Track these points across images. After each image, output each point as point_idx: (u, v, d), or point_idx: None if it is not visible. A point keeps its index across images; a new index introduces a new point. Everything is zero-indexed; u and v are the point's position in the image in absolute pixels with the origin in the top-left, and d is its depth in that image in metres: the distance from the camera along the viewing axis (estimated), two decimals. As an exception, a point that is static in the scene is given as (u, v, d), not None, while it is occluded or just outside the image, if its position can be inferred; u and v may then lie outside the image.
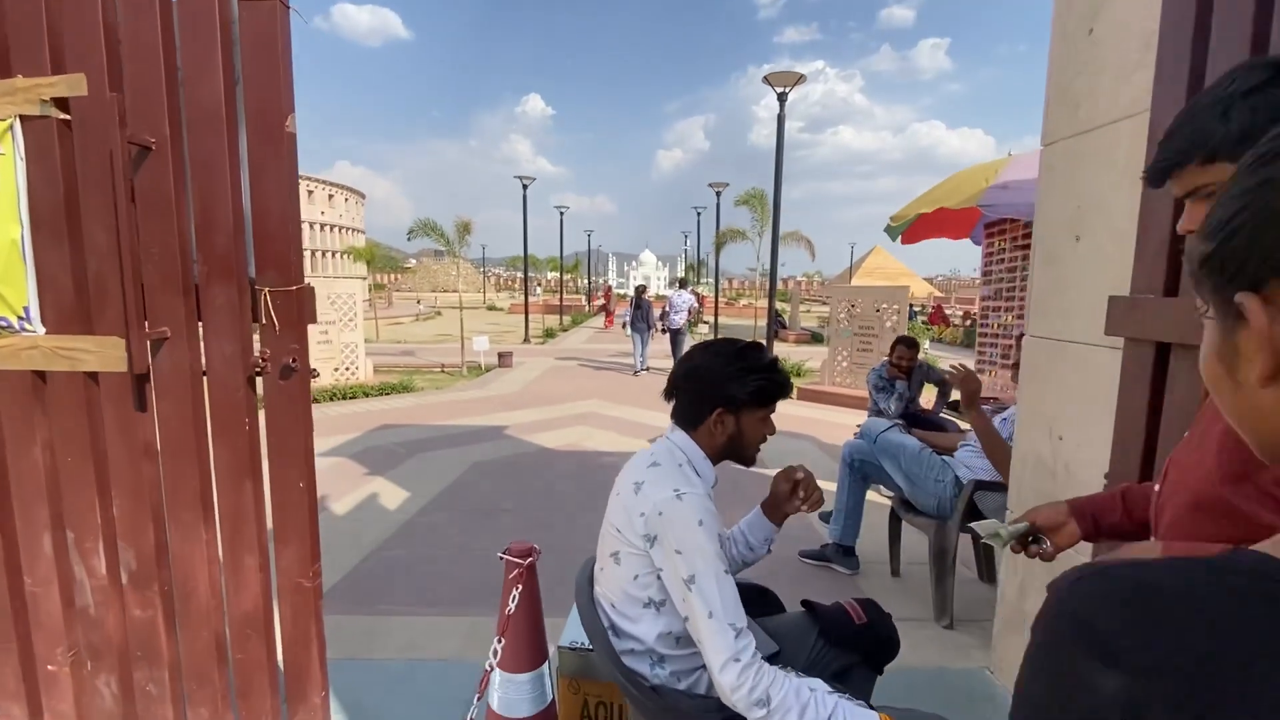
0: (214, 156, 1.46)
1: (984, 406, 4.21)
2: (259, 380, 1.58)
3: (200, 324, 1.53)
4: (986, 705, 2.10)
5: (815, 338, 19.31)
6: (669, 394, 1.37)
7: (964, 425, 4.40)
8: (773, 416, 1.36)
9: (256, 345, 1.56)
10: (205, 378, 1.56)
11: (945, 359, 4.58)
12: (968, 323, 18.37)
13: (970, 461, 2.65)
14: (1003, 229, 4.40)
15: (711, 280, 33.32)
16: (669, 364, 12.73)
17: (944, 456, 2.76)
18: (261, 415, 1.62)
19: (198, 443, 1.57)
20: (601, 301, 34.63)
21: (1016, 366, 2.68)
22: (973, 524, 1.23)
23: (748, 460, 1.38)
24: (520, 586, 1.56)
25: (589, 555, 1.58)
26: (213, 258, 1.49)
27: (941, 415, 4.53)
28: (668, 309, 12.58)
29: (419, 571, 3.11)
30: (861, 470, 2.97)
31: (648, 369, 11.51)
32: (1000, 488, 2.51)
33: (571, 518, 3.93)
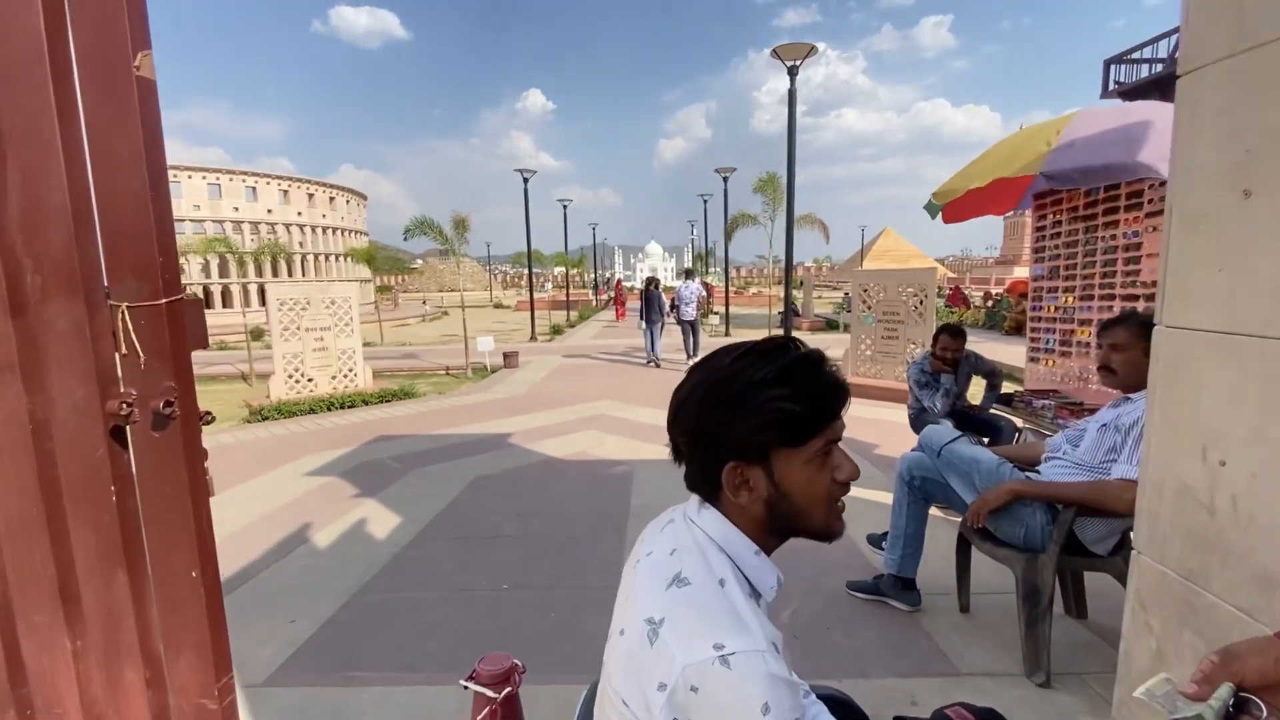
0: (37, 119, 1.01)
1: (1041, 401, 3.73)
2: (131, 430, 1.14)
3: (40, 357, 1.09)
4: (1116, 804, 1.64)
5: (830, 324, 18.76)
6: (674, 453, 0.91)
7: (1020, 422, 3.91)
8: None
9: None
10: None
11: (974, 343, 4.09)
12: (989, 303, 17.73)
13: (1061, 478, 2.17)
14: (1058, 199, 3.88)
15: (720, 269, 32.76)
16: (682, 357, 12.35)
17: (1028, 473, 2.28)
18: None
19: (49, 522, 1.13)
20: (610, 295, 34.87)
21: (1108, 369, 2.19)
22: (1138, 692, 0.74)
23: (823, 532, 0.86)
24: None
25: (596, 626, 1.10)
26: (46, 263, 1.05)
27: (992, 412, 4.04)
28: (677, 301, 12.33)
29: (404, 622, 2.68)
30: (923, 489, 2.50)
31: (660, 363, 11.48)
32: (1107, 512, 2.03)
33: (579, 544, 3.48)
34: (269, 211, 33.91)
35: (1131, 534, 2.05)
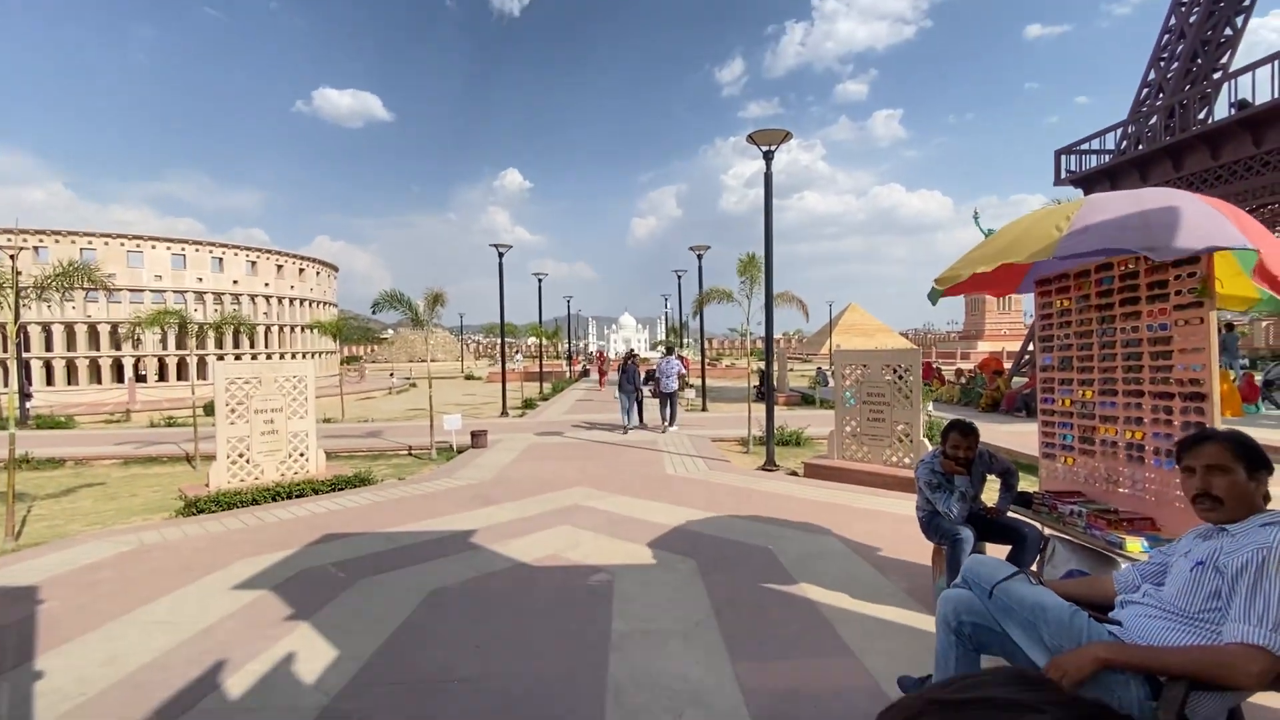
0: None
1: (1069, 506, 3.36)
2: None
3: None
4: None
5: (806, 399, 18.58)
6: None
7: (1046, 529, 3.53)
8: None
9: None
10: None
11: (947, 418, 3.76)
12: (962, 380, 17.83)
13: (1154, 634, 1.76)
14: (1064, 285, 3.68)
15: (692, 341, 32.88)
16: (659, 426, 12.26)
17: (1109, 625, 1.86)
18: None
19: None
20: (582, 367, 35.90)
21: (1209, 496, 1.81)
22: None
23: None
24: None
25: None
26: None
27: (1012, 515, 3.66)
28: (657, 374, 13.33)
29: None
30: (975, 639, 2.05)
31: (634, 428, 12.58)
32: (1225, 687, 1.61)
33: (553, 692, 2.90)
34: (234, 283, 33.20)
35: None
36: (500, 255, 16.30)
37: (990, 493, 3.95)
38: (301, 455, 7.76)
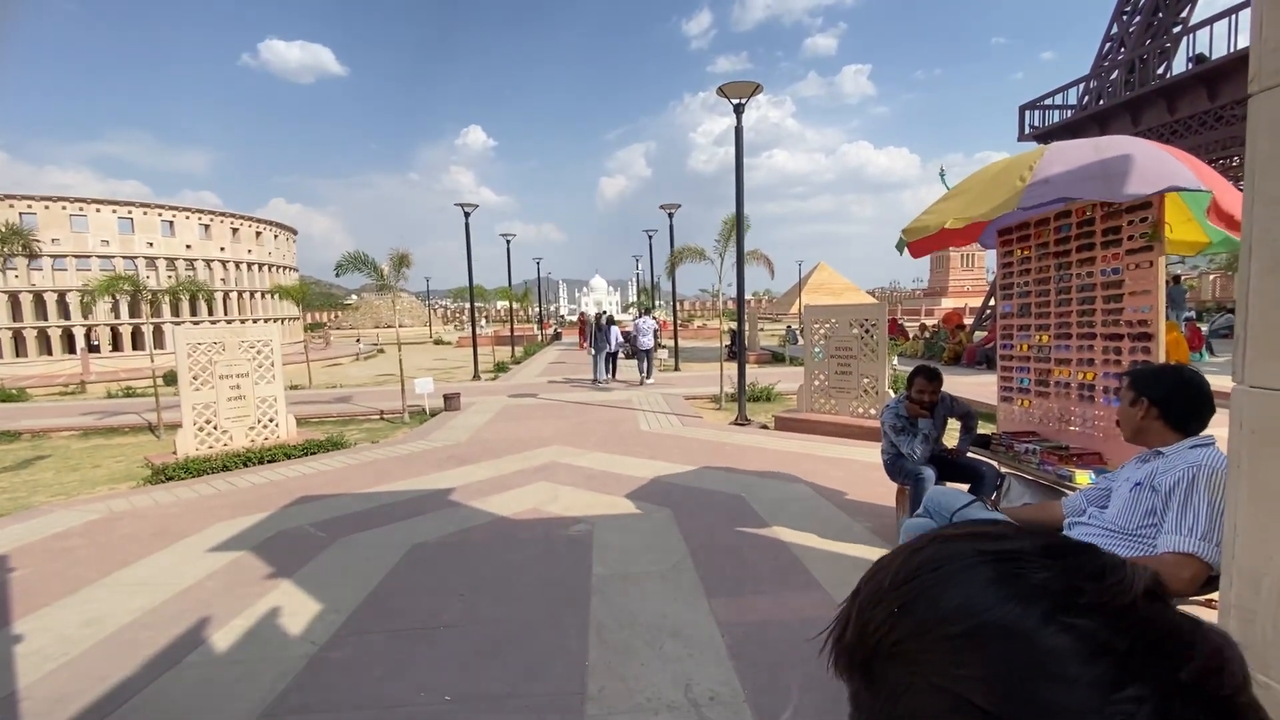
0: None
1: (1024, 445, 3.55)
2: None
3: None
4: None
5: (776, 357, 18.88)
6: (850, 661, 0.49)
7: (1003, 468, 3.72)
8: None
9: None
10: None
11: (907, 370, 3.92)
12: (925, 334, 18.29)
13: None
14: (1025, 234, 3.79)
15: (664, 303, 32.88)
16: (636, 379, 12.70)
17: (1056, 544, 2.01)
18: None
19: None
20: (554, 330, 35.80)
21: (1138, 427, 1.98)
22: None
23: None
24: None
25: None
26: None
27: (970, 455, 3.85)
28: (634, 332, 14.23)
29: (319, 758, 2.14)
30: (934, 563, 2.19)
31: (604, 381, 13.51)
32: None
33: (537, 631, 3.01)
34: (188, 247, 31.82)
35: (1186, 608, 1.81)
36: (466, 215, 15.93)
37: (951, 436, 4.14)
38: (271, 421, 7.64)
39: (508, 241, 23.42)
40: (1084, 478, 2.95)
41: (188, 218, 32.15)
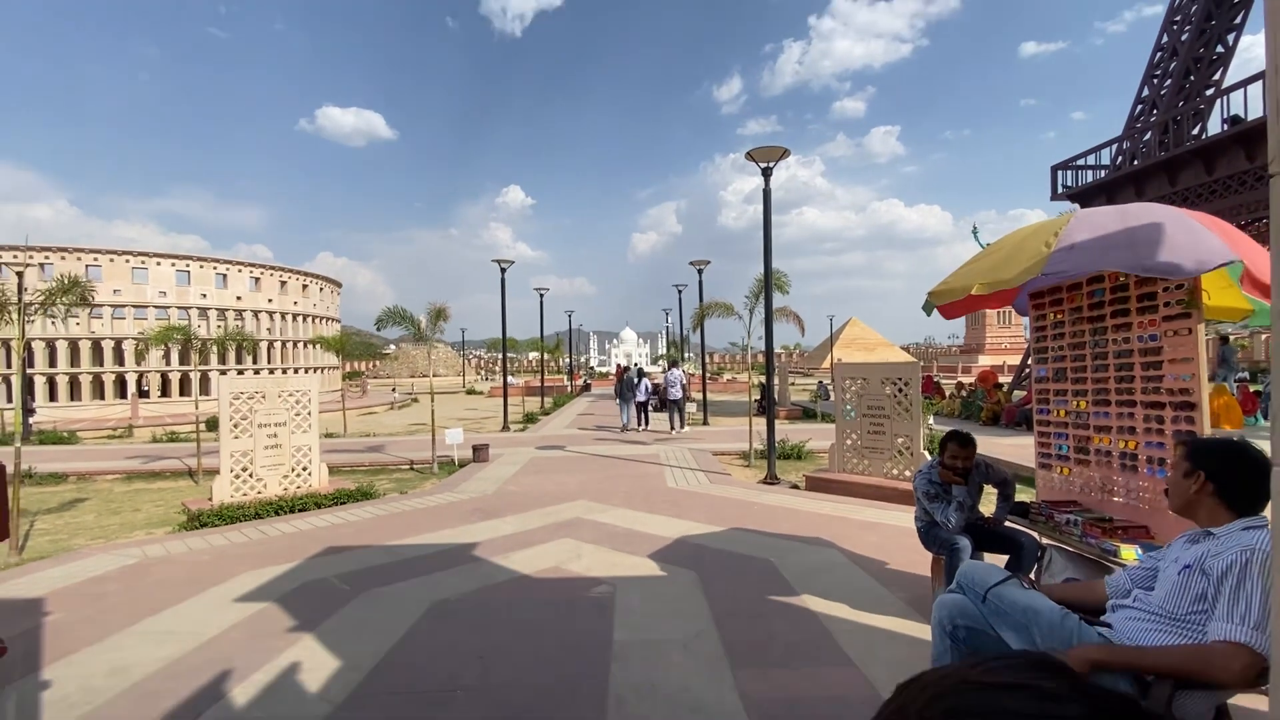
0: None
1: (1065, 515, 3.40)
2: None
3: None
4: None
5: (807, 413, 18.60)
6: None
7: (1043, 539, 3.56)
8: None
9: None
10: None
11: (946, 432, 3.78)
12: (962, 394, 17.85)
13: (1143, 636, 1.80)
14: (1057, 298, 3.75)
15: (692, 356, 32.96)
16: (665, 430, 12.98)
17: (1099, 628, 1.90)
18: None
19: None
20: (584, 381, 36.04)
21: (1190, 501, 1.90)
22: None
23: None
24: None
25: None
26: None
27: (1008, 525, 3.70)
28: (665, 384, 15.39)
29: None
30: (969, 642, 2.09)
31: (631, 429, 14.80)
32: (1209, 685, 1.65)
33: (555, 701, 2.92)
34: (238, 299, 33.41)
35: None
36: (503, 270, 16.44)
37: (988, 504, 3.99)
38: (305, 469, 7.80)
39: (540, 295, 24.00)
40: (1130, 553, 2.81)
41: (240, 270, 33.87)
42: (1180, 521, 3.06)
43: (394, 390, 37.45)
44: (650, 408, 16.43)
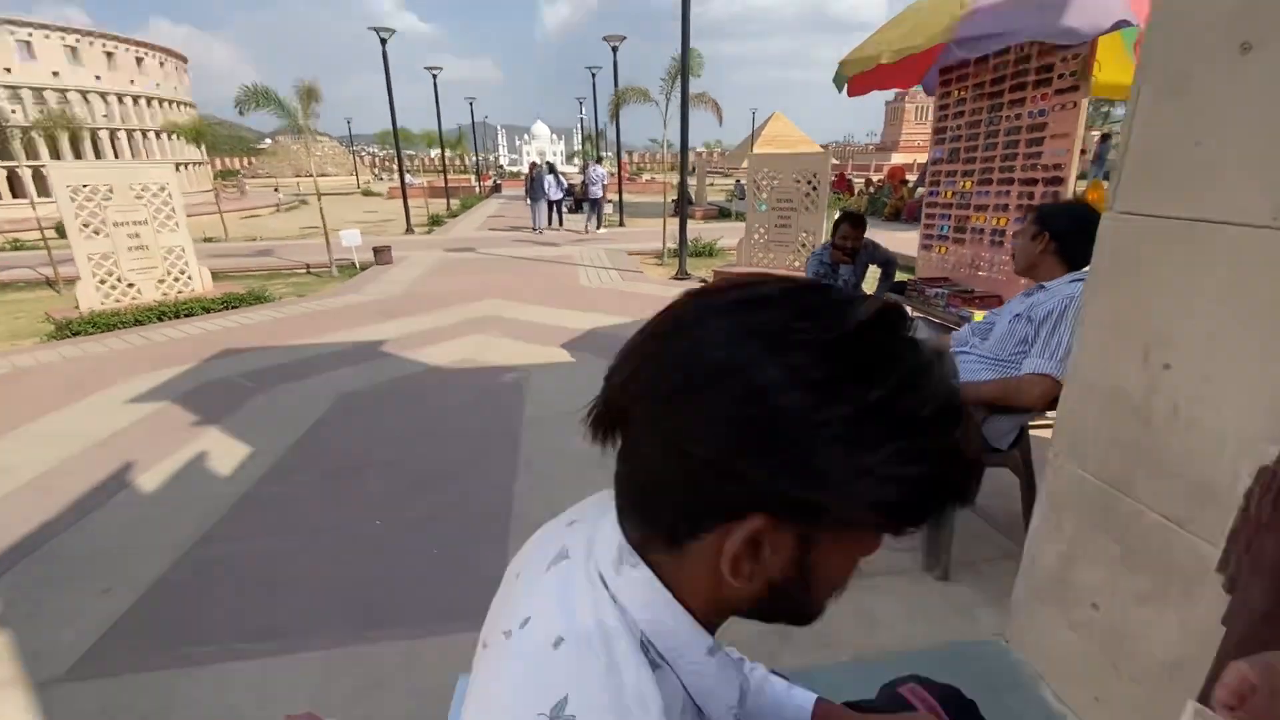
0: None
1: (934, 289, 3.73)
2: None
3: None
4: (1014, 694, 1.67)
5: (723, 212, 18.62)
6: (599, 425, 0.49)
7: (913, 312, 3.92)
8: None
9: None
10: None
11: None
12: (870, 190, 18.26)
13: (970, 375, 2.09)
14: (964, 73, 3.67)
15: (609, 154, 31.29)
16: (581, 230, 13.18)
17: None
18: None
19: None
20: (494, 182, 33.72)
21: (1034, 262, 2.08)
22: None
23: (807, 618, 0.52)
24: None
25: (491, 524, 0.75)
26: None
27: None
28: (586, 181, 14.75)
29: (254, 578, 2.28)
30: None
31: (542, 230, 14.49)
32: (1015, 409, 1.97)
33: (466, 465, 3.15)
34: (55, 74, 27.36)
35: (1038, 432, 2.04)
36: (383, 41, 14.11)
37: (872, 285, 4.29)
38: (183, 274, 7.15)
39: (434, 76, 21.15)
40: (979, 317, 3.15)
41: (48, 37, 27.31)
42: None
43: (277, 190, 33.71)
44: (565, 208, 16.36)
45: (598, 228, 14.44)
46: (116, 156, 29.27)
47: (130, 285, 6.79)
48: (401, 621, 2.02)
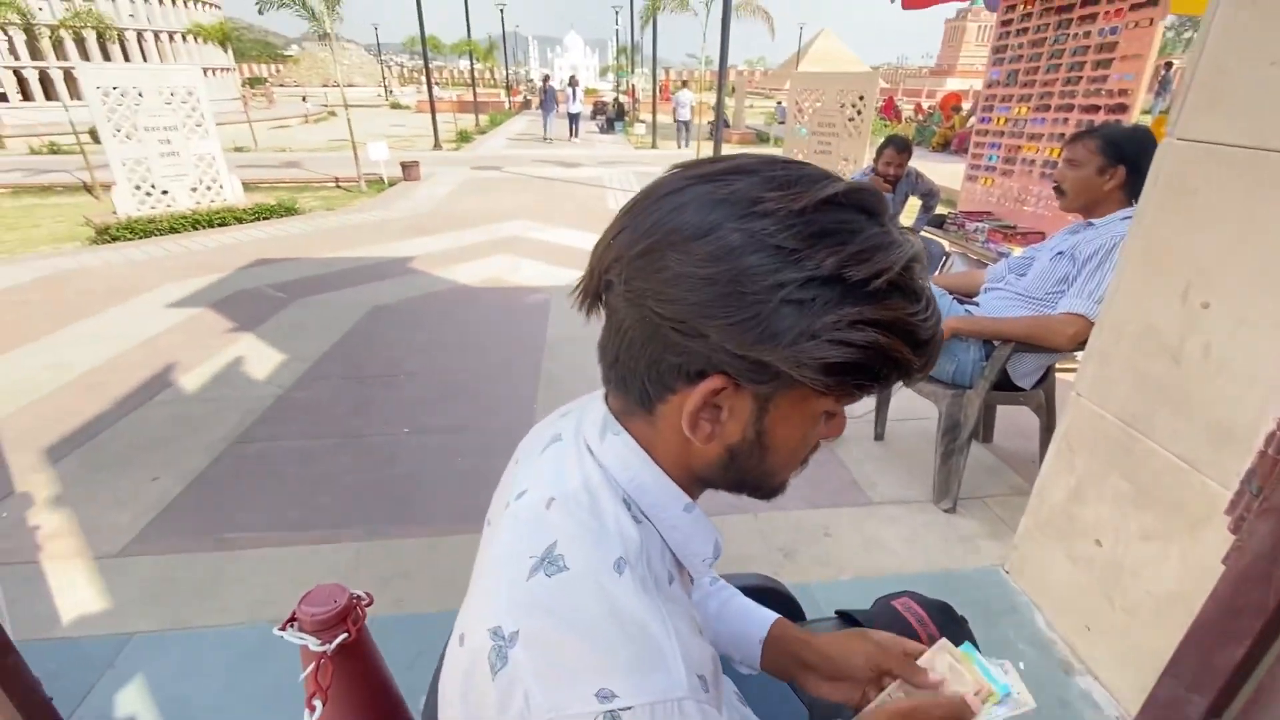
0: None
1: (975, 224, 3.57)
2: None
3: None
4: (1008, 619, 1.73)
5: (760, 137, 17.82)
6: (585, 294, 0.52)
7: (950, 246, 3.79)
8: None
9: None
10: None
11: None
12: (920, 117, 17.22)
13: (1002, 311, 2.03)
14: (1032, -14, 3.36)
15: (646, 70, 29.77)
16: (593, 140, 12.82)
17: (967, 305, 2.12)
18: None
19: None
20: (523, 97, 32.55)
21: (1059, 188, 1.94)
22: None
23: (769, 494, 0.54)
24: (323, 697, 0.83)
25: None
26: None
27: (923, 234, 3.88)
28: (675, 104, 16.17)
29: (289, 474, 2.42)
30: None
31: (552, 139, 16.73)
32: (1046, 348, 1.92)
33: (491, 380, 3.24)
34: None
35: (1064, 375, 1.99)
36: (411, -59, 13.37)
37: (911, 214, 4.12)
38: (215, 182, 7.19)
39: (464, -19, 20.06)
40: (1019, 252, 3.03)
41: (69, -71, 26.39)
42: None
43: (305, 100, 33.06)
44: (598, 126, 16.39)
45: (574, 137, 17.09)
46: (144, 59, 28.86)
47: (165, 192, 6.86)
48: (426, 520, 2.14)
